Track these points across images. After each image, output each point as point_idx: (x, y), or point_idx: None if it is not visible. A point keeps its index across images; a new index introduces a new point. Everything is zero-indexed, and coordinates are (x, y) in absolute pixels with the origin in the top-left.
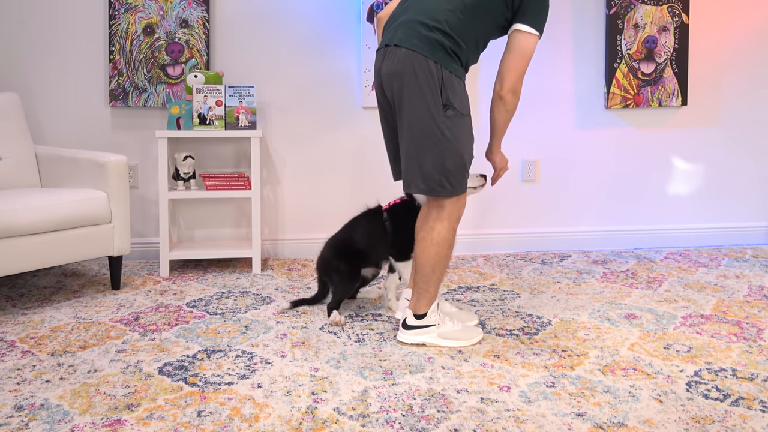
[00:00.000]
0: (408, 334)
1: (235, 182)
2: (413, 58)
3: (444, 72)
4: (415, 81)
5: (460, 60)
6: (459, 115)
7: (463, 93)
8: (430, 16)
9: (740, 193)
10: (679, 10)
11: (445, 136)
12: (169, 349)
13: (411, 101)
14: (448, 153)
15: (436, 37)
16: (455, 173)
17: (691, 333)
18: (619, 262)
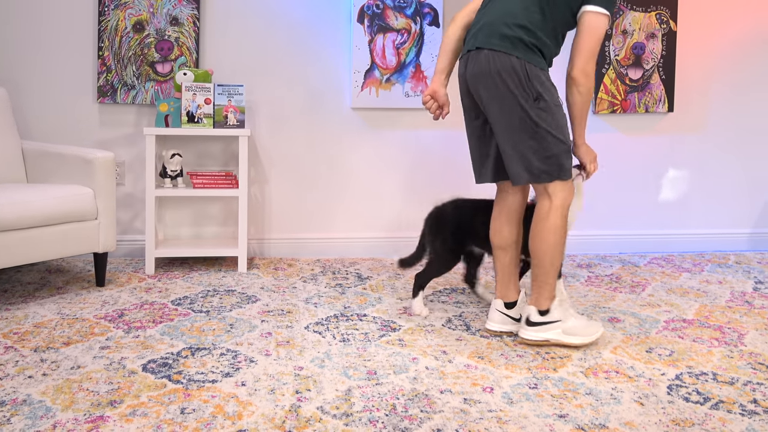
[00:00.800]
0: (532, 331)
1: (223, 181)
2: (495, 58)
3: (528, 66)
4: (500, 79)
5: (542, 54)
6: (550, 106)
7: (550, 85)
8: (509, 15)
9: (724, 200)
10: (667, 18)
11: (540, 126)
12: (154, 347)
13: (501, 100)
14: (546, 141)
15: (517, 34)
16: (557, 159)
17: (674, 337)
18: (603, 266)
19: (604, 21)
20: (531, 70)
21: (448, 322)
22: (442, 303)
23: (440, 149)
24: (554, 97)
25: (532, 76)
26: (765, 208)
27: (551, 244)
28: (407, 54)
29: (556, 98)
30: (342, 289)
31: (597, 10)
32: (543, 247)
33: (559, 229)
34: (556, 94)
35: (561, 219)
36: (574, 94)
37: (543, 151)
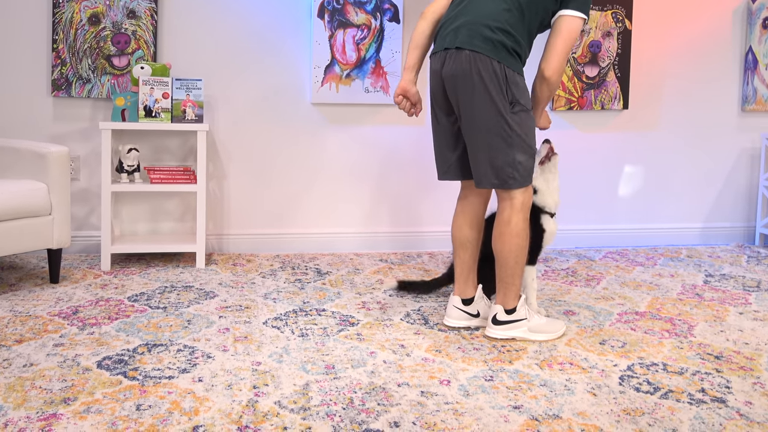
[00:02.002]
0: (498, 329)
1: (181, 176)
2: (477, 60)
3: (507, 71)
4: (481, 81)
5: (520, 57)
6: (525, 110)
7: (525, 88)
8: (491, 17)
9: (676, 195)
10: (623, 17)
11: (514, 131)
12: (109, 343)
13: (478, 101)
14: (519, 147)
15: (499, 38)
16: (525, 165)
17: (626, 329)
18: (560, 260)
19: (580, 24)
20: (510, 74)
21: (406, 317)
22: (400, 298)
23: (400, 145)
24: (528, 101)
25: (510, 81)
26: (715, 203)
27: (515, 247)
28: (367, 50)
29: (530, 102)
30: (301, 284)
31: (575, 14)
32: (506, 249)
33: (522, 232)
34: (529, 99)
35: (523, 222)
36: (544, 90)
37: (513, 156)
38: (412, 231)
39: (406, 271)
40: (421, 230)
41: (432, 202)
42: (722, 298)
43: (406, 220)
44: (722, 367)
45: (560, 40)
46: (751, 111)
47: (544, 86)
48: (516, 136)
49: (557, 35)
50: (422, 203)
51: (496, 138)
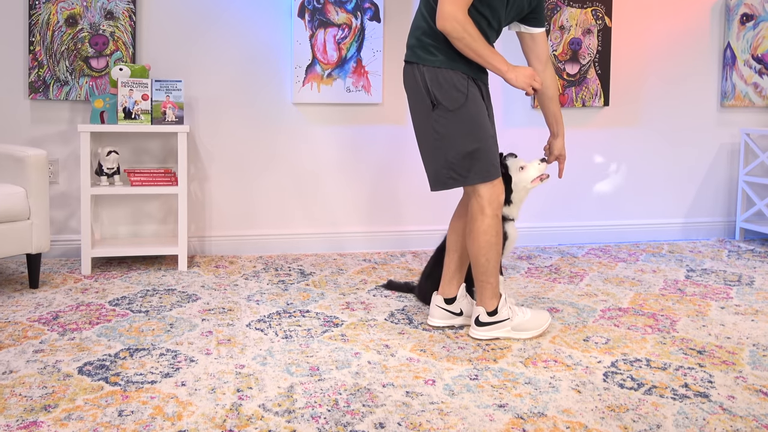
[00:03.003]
0: (481, 330)
1: (161, 178)
2: (405, 70)
3: (426, 70)
4: (409, 90)
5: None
6: (447, 111)
7: (450, 86)
8: (414, 22)
9: (658, 191)
10: (603, 14)
11: (439, 133)
12: (90, 349)
13: (411, 109)
14: (447, 148)
15: (413, 41)
16: (463, 163)
17: (609, 325)
18: (543, 257)
19: None
20: (429, 73)
21: (390, 317)
22: (384, 297)
23: (382, 144)
24: (453, 100)
25: (431, 81)
26: (696, 198)
27: (483, 245)
28: (348, 49)
29: (457, 100)
30: (284, 285)
31: None
32: (475, 247)
33: (489, 228)
34: (459, 95)
35: (491, 219)
36: (456, 43)
37: (445, 157)
38: (395, 230)
39: (390, 271)
40: (404, 229)
41: (414, 201)
42: (704, 293)
43: (389, 219)
44: (705, 361)
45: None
46: (730, 107)
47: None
48: (441, 139)
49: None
50: (405, 202)
51: (427, 141)
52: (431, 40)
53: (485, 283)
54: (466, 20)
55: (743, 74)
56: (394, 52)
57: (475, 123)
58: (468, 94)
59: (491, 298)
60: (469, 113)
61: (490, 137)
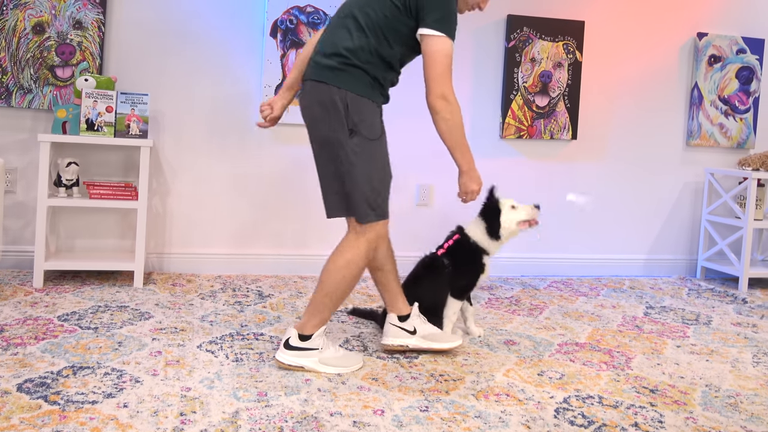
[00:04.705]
0: (288, 354)
1: (122, 192)
2: (317, 89)
3: (349, 96)
4: (320, 111)
5: (371, 80)
6: (366, 141)
7: (372, 116)
8: (329, 44)
9: (621, 226)
10: (574, 48)
11: (352, 163)
12: (33, 365)
13: (319, 131)
14: (357, 179)
15: (333, 63)
16: (369, 196)
17: (565, 360)
18: (505, 288)
19: (444, 43)
20: (352, 100)
21: (345, 342)
22: (341, 323)
23: None
24: (373, 130)
25: (351, 108)
26: (659, 235)
27: (339, 280)
28: None
29: (376, 131)
30: (241, 306)
31: (432, 33)
32: (330, 277)
33: (352, 267)
34: (378, 127)
35: (360, 259)
36: (439, 123)
37: (354, 188)
38: None
39: (350, 296)
40: None
41: None
42: (661, 331)
43: None
44: (657, 401)
45: (427, 64)
46: (695, 146)
47: (437, 119)
48: (354, 168)
49: (424, 58)
50: None
51: (336, 168)
52: (354, 66)
53: (316, 312)
54: (456, 102)
55: (709, 114)
56: None
57: (386, 157)
58: (383, 128)
59: (314, 325)
60: (384, 146)
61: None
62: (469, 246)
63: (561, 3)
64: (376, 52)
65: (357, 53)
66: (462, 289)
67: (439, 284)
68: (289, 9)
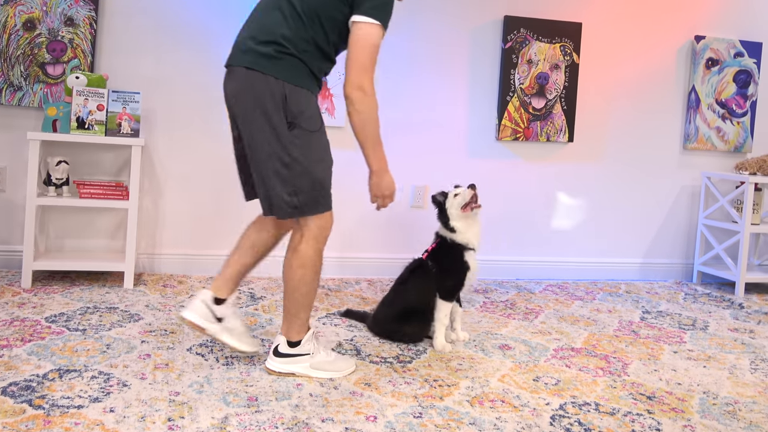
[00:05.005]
0: (278, 361)
1: (112, 191)
2: (252, 77)
3: (287, 87)
4: (255, 101)
5: (308, 70)
6: (307, 133)
7: (311, 107)
8: (264, 30)
9: (617, 230)
10: (571, 50)
11: (292, 156)
12: (18, 368)
13: (254, 123)
14: (298, 174)
15: (270, 51)
16: (309, 193)
17: (561, 366)
18: (500, 291)
19: (375, 31)
20: (290, 91)
21: (338, 346)
22: (334, 326)
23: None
24: (313, 122)
25: (290, 99)
26: (655, 239)
27: (299, 279)
28: None
29: (316, 122)
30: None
31: (366, 21)
32: (290, 278)
33: (310, 262)
34: (317, 118)
35: (314, 253)
36: (353, 115)
37: (293, 183)
38: (351, 257)
39: (343, 299)
40: (359, 256)
41: (372, 228)
42: (658, 336)
43: (345, 245)
44: (654, 408)
45: (352, 49)
46: (692, 149)
47: (351, 110)
48: (294, 162)
49: (350, 45)
50: (361, 228)
51: (273, 163)
52: (290, 55)
53: (294, 317)
54: (374, 95)
55: (707, 118)
56: None
57: (327, 147)
58: (321, 116)
59: (298, 330)
60: (324, 136)
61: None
62: (448, 245)
63: (558, 4)
64: (312, 40)
65: (294, 42)
66: (449, 290)
67: (426, 287)
68: None
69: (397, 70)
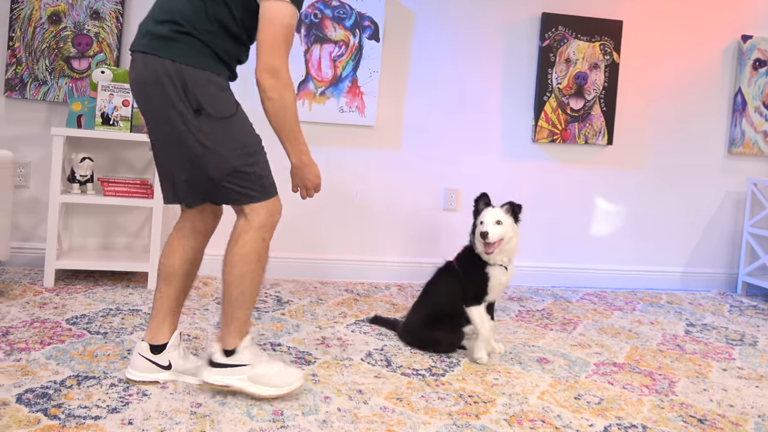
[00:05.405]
0: (214, 373)
1: (138, 190)
2: (150, 63)
3: (186, 71)
4: (156, 89)
5: (211, 52)
6: (216, 120)
7: (219, 92)
8: (163, 8)
9: (657, 237)
10: (611, 49)
11: (204, 145)
12: (35, 373)
13: (158, 112)
14: (215, 163)
15: (165, 32)
16: (236, 180)
17: (603, 383)
18: (535, 300)
19: (287, 9)
20: (191, 75)
21: (367, 356)
22: (363, 334)
23: (373, 170)
24: (222, 108)
25: (192, 83)
26: (697, 247)
27: (239, 273)
28: (344, 67)
29: (227, 108)
30: (258, 313)
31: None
32: (229, 272)
33: (251, 256)
34: (228, 103)
35: (256, 242)
36: (265, 103)
37: (207, 172)
38: (381, 260)
39: (372, 305)
40: (390, 260)
41: (402, 231)
42: (704, 351)
43: (375, 248)
44: None
45: (262, 29)
46: (738, 154)
47: (262, 97)
48: (206, 151)
49: (260, 25)
50: (392, 231)
51: (183, 153)
52: (192, 37)
53: (233, 318)
54: (289, 80)
55: (753, 121)
56: (393, 74)
57: (250, 131)
58: (235, 100)
59: (234, 336)
60: (242, 120)
61: (263, 148)
62: (472, 254)
63: (598, 1)
64: (216, 19)
65: (193, 21)
66: (471, 297)
67: (455, 291)
68: (314, 2)
69: (428, 69)
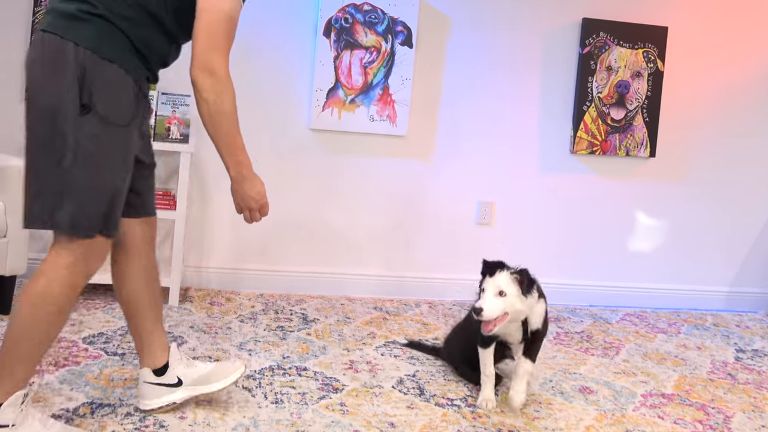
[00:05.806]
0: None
1: (160, 200)
2: (46, 42)
3: (89, 58)
4: (42, 70)
5: (126, 42)
6: (104, 123)
7: (120, 90)
8: None
9: (702, 255)
10: (655, 57)
11: (82, 147)
12: (47, 399)
13: (35, 98)
14: (81, 173)
15: (72, 10)
16: (83, 202)
17: (653, 417)
18: (573, 320)
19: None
20: (94, 64)
21: (399, 384)
22: (394, 357)
23: (404, 181)
24: (120, 111)
25: (90, 75)
26: (743, 266)
27: (23, 316)
28: (375, 74)
29: (122, 114)
30: (283, 333)
31: None
32: (16, 315)
33: (47, 300)
34: (126, 109)
35: (60, 287)
36: (200, 105)
37: (64, 184)
38: (412, 276)
39: (402, 324)
40: (421, 276)
41: (433, 246)
42: (758, 381)
43: (406, 263)
44: None
45: (199, 23)
46: None
47: (196, 98)
48: (82, 158)
49: (197, 18)
50: (423, 246)
51: (45, 152)
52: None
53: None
54: (228, 79)
55: None
56: (426, 83)
57: (128, 152)
58: (136, 112)
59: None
60: (131, 137)
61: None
62: None
63: (642, 7)
64: (138, 4)
65: (108, 2)
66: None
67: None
68: (345, 6)
69: (463, 76)
